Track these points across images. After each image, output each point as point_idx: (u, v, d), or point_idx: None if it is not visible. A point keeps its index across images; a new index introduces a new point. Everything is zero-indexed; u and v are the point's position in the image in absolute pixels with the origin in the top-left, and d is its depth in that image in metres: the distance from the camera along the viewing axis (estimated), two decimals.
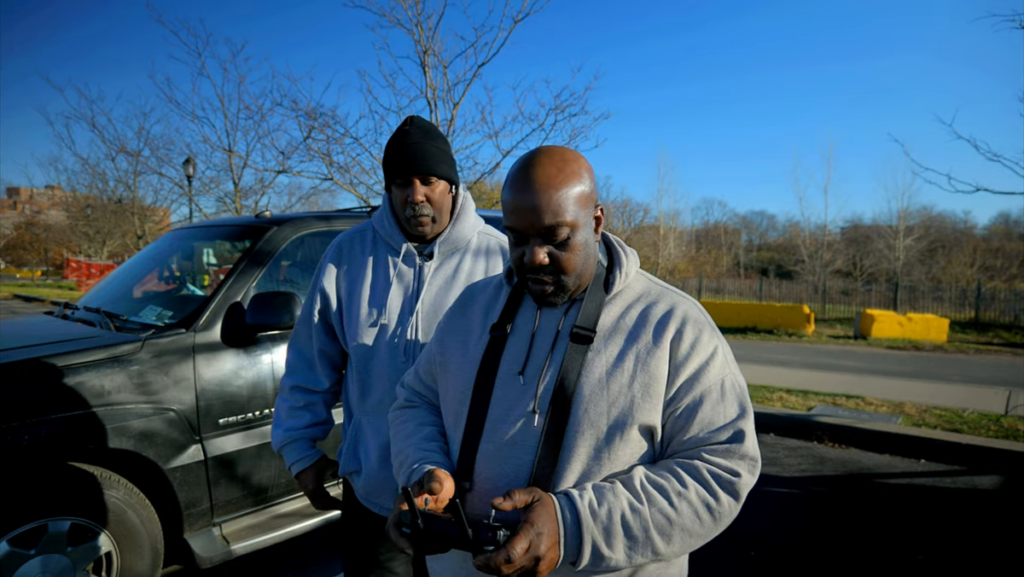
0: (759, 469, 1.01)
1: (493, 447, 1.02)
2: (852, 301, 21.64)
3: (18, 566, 2.10)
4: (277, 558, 3.04)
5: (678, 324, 1.02)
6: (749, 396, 1.04)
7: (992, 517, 3.59)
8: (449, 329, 1.21)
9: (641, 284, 1.11)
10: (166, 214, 24.91)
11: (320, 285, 1.58)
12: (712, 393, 1.00)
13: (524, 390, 1.03)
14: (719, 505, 0.96)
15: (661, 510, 0.93)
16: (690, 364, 1.00)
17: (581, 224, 1.01)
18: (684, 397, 1.00)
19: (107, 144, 17.14)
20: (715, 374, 1.01)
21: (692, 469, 0.97)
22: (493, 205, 12.74)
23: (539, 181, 0.98)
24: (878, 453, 4.82)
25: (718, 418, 1.00)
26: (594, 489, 0.95)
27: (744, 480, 0.98)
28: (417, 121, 1.51)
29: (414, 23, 8.49)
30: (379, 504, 1.53)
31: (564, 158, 1.01)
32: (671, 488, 0.95)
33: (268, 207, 15.37)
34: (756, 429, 1.04)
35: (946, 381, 7.91)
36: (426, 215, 1.49)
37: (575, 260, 1.02)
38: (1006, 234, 40.33)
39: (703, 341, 1.02)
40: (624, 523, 0.92)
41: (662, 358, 1.00)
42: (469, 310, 1.20)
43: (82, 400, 2.23)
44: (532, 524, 0.88)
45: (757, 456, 1.01)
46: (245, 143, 20.69)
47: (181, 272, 3.99)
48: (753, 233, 57.08)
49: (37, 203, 62.96)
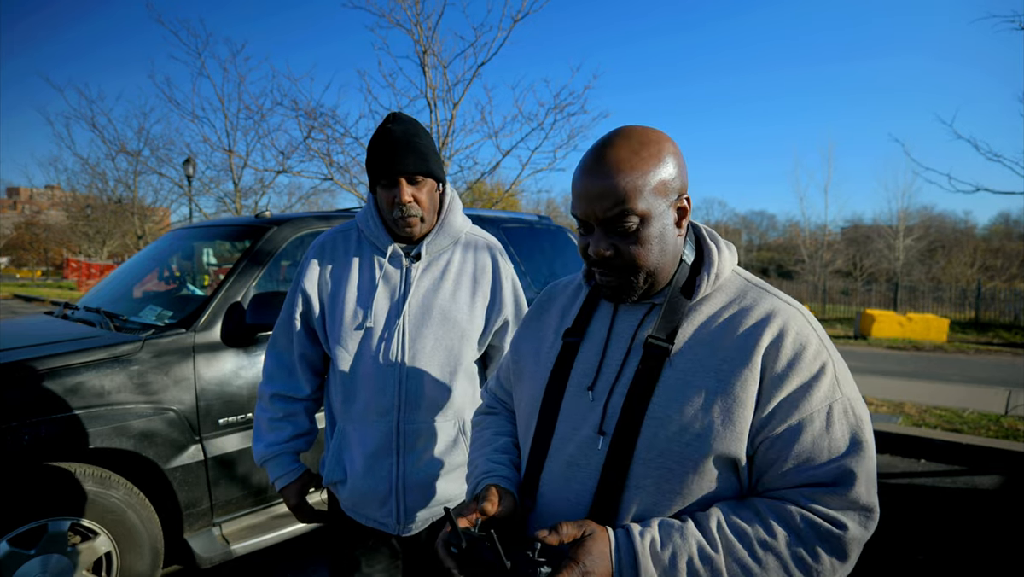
0: (875, 522, 0.83)
1: (557, 467, 0.94)
2: (852, 301, 21.65)
3: (18, 566, 2.10)
4: (277, 558, 3.04)
5: (774, 334, 0.86)
6: (872, 431, 0.86)
7: (992, 517, 3.58)
8: (524, 334, 1.13)
9: (735, 286, 0.95)
10: (166, 214, 24.91)
11: (302, 287, 1.50)
12: (815, 421, 0.82)
13: (592, 407, 0.93)
14: (818, 564, 0.79)
15: (739, 560, 0.79)
16: (788, 384, 0.83)
17: (655, 214, 0.88)
18: (779, 424, 0.83)
19: (107, 144, 17.15)
20: (821, 398, 0.83)
21: (784, 514, 0.81)
22: (493, 205, 12.73)
23: (609, 164, 0.86)
24: (878, 453, 4.80)
25: (821, 453, 0.82)
26: (660, 527, 0.83)
27: (851, 533, 0.80)
28: (400, 117, 1.45)
29: (413, 23, 8.50)
30: (365, 515, 1.49)
31: (643, 140, 0.88)
32: (754, 536, 0.80)
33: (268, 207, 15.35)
34: None
35: (946, 381, 7.90)
36: (414, 216, 1.43)
37: (645, 255, 0.89)
38: (1006, 234, 40.31)
39: (807, 356, 0.84)
40: (691, 571, 0.79)
41: (751, 377, 0.84)
42: (546, 313, 1.11)
43: (82, 400, 2.23)
44: (578, 562, 0.78)
45: (873, 504, 0.82)
46: (245, 143, 20.73)
47: (181, 272, 3.99)
48: (753, 233, 57.05)
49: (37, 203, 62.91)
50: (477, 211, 4.19)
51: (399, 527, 1.47)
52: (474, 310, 1.51)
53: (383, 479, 1.45)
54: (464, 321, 1.49)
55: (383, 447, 1.45)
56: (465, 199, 9.95)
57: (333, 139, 9.41)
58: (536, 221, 4.47)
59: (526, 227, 4.29)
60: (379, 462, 1.45)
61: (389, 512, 1.46)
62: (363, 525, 1.51)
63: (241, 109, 14.45)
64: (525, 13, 8.42)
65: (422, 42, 8.53)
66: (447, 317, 1.47)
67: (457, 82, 8.73)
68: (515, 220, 4.31)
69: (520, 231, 4.19)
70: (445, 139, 8.80)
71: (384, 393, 1.44)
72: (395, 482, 1.45)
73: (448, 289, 1.49)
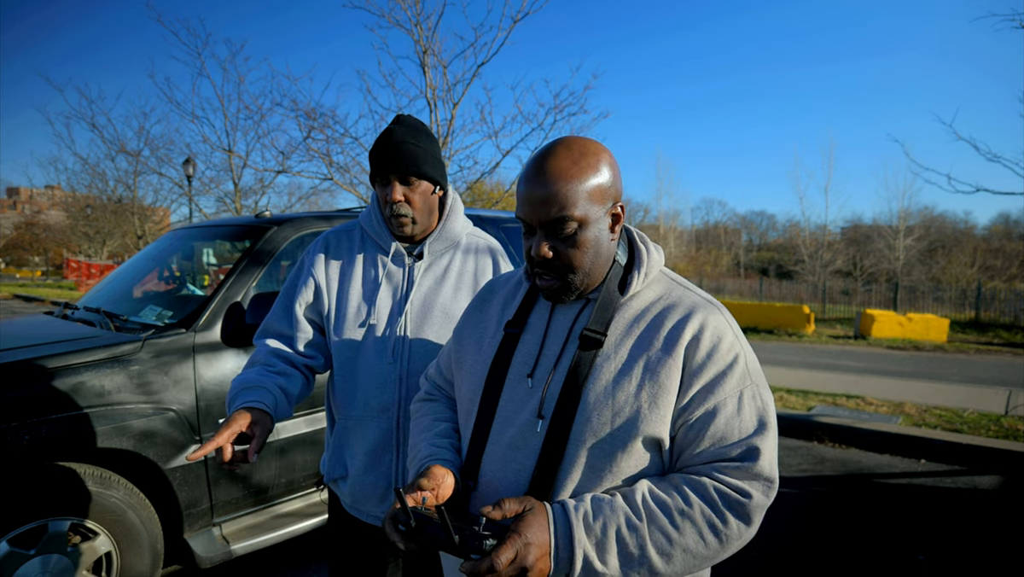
0: (775, 491, 0.94)
1: (498, 449, 1.00)
2: (852, 301, 21.65)
3: (18, 566, 2.11)
4: (277, 558, 3.04)
5: (695, 330, 0.95)
6: (775, 413, 0.97)
7: (992, 517, 3.58)
8: (467, 324, 1.18)
9: (662, 285, 1.04)
10: (166, 214, 24.91)
11: (313, 275, 1.51)
12: (727, 405, 0.93)
13: (531, 393, 1.00)
14: (726, 528, 0.90)
15: (661, 528, 0.89)
16: (705, 373, 0.93)
17: (592, 220, 0.96)
18: (697, 408, 0.93)
19: (107, 144, 17.15)
20: (733, 385, 0.94)
21: (699, 486, 0.92)
22: (493, 205, 12.74)
23: (550, 172, 0.94)
24: (878, 453, 4.82)
25: (732, 433, 0.93)
26: (592, 501, 0.91)
27: (755, 501, 0.91)
28: (404, 120, 1.48)
29: (413, 23, 8.50)
30: (366, 511, 1.49)
31: (583, 150, 0.96)
32: (674, 505, 0.90)
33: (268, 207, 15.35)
34: None
35: (946, 381, 7.90)
36: (404, 215, 1.46)
37: (582, 257, 0.98)
38: (1006, 234, 40.33)
39: (722, 349, 0.95)
40: (619, 538, 0.88)
41: (674, 366, 0.93)
42: (488, 305, 1.17)
43: (82, 400, 2.23)
44: (520, 534, 0.85)
45: (774, 476, 0.93)
46: (245, 143, 20.78)
47: (181, 272, 3.99)
48: (753, 233, 57.09)
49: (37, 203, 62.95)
50: (477, 211, 4.18)
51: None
52: None
53: (383, 475, 1.46)
54: None
55: (384, 443, 1.46)
56: (465, 199, 9.95)
57: (333, 139, 9.41)
58: None
59: None
60: (379, 458, 1.46)
61: (389, 508, 1.46)
62: (364, 522, 1.52)
63: (241, 109, 14.49)
64: (525, 13, 8.42)
65: (422, 42, 8.53)
66: (448, 315, 1.50)
67: (457, 82, 8.73)
68: (515, 220, 4.31)
69: (520, 231, 4.18)
70: (445, 139, 8.80)
71: (385, 390, 1.45)
72: (395, 478, 1.46)
73: (450, 288, 1.52)
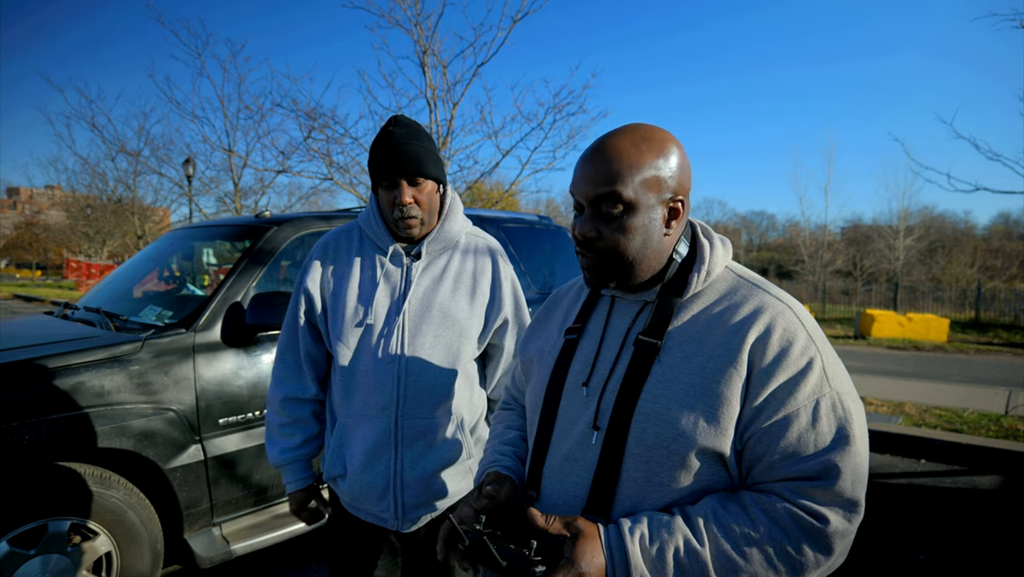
0: (860, 516, 0.83)
1: (556, 461, 0.97)
2: (852, 301, 21.65)
3: (18, 566, 2.10)
4: (277, 558, 3.04)
5: (761, 331, 0.86)
6: (865, 427, 0.87)
7: (992, 517, 3.58)
8: (532, 336, 1.16)
9: (727, 282, 0.95)
10: (166, 214, 24.91)
11: (304, 286, 1.53)
12: (801, 415, 0.83)
13: (587, 403, 0.95)
14: (801, 557, 0.81)
15: (723, 553, 0.81)
16: (775, 380, 0.84)
17: (642, 206, 0.90)
18: (766, 419, 0.84)
19: (107, 144, 17.18)
20: (807, 393, 0.84)
21: (769, 508, 0.83)
22: (493, 205, 12.73)
23: (608, 150, 0.90)
24: (878, 453, 4.81)
25: (806, 448, 0.83)
26: (649, 521, 0.85)
27: (834, 527, 0.81)
28: (401, 120, 1.48)
29: (413, 23, 8.51)
30: (364, 510, 1.51)
31: (646, 136, 0.91)
32: (739, 529, 0.82)
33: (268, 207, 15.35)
34: None
35: (946, 381, 7.90)
36: (414, 217, 1.46)
37: (626, 244, 0.91)
38: (1006, 234, 40.30)
39: (794, 351, 0.85)
40: (678, 563, 0.81)
41: (736, 374, 0.85)
42: (552, 315, 1.15)
43: (82, 400, 2.23)
44: (573, 564, 0.80)
45: (857, 498, 0.83)
46: (245, 143, 20.76)
47: (181, 272, 3.99)
48: (753, 233, 57.03)
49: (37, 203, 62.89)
50: (477, 211, 4.18)
51: (398, 522, 1.49)
52: (473, 309, 1.53)
53: (381, 473, 1.47)
54: (463, 319, 1.51)
55: (382, 442, 1.47)
56: (465, 199, 9.95)
57: (333, 139, 9.42)
58: (536, 221, 4.47)
59: (526, 227, 4.29)
60: (378, 457, 1.47)
61: (387, 506, 1.48)
62: (363, 521, 1.53)
63: (241, 109, 14.48)
64: (525, 13, 8.43)
65: (422, 42, 8.54)
66: (447, 315, 1.49)
67: (457, 82, 8.74)
68: (515, 220, 4.31)
69: (520, 231, 4.18)
70: (445, 139, 8.80)
71: (383, 389, 1.45)
72: (393, 476, 1.46)
73: (448, 288, 1.51)
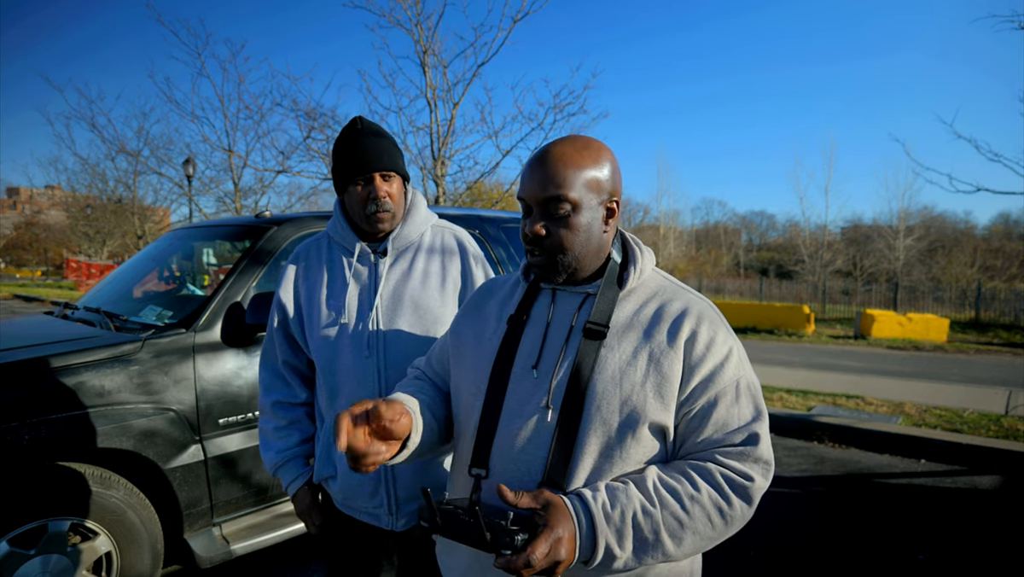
0: (772, 473, 1.00)
1: (507, 442, 1.02)
2: (852, 301, 21.63)
3: (18, 566, 2.11)
4: (277, 558, 3.04)
5: (693, 324, 1.01)
6: (763, 397, 1.04)
7: (992, 517, 3.59)
8: (464, 322, 1.21)
9: (655, 282, 1.11)
10: (166, 214, 24.91)
11: (278, 297, 1.58)
12: (727, 395, 0.99)
13: (537, 384, 1.03)
14: (731, 509, 0.96)
15: (673, 513, 0.94)
16: (705, 365, 0.99)
17: (585, 206, 1.02)
18: (699, 398, 0.99)
19: (107, 144, 17.10)
20: (730, 375, 1.00)
21: (705, 472, 0.97)
22: (493, 205, 12.73)
23: (552, 156, 1.01)
24: (878, 453, 4.82)
25: (732, 420, 0.99)
26: (607, 490, 0.95)
27: (757, 484, 0.97)
28: (364, 120, 1.54)
29: (414, 23, 8.51)
30: (357, 508, 1.51)
31: (586, 144, 1.04)
32: (683, 491, 0.95)
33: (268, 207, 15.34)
34: None
35: (946, 381, 7.90)
36: (388, 210, 1.50)
37: (573, 239, 1.03)
38: (1006, 234, 40.30)
39: (718, 342, 1.01)
40: (636, 525, 0.93)
41: (676, 358, 0.99)
42: (486, 304, 1.21)
43: (82, 400, 2.23)
44: (552, 528, 0.88)
45: (771, 460, 1.00)
46: (245, 143, 20.70)
47: (181, 272, 3.99)
48: (753, 233, 57.07)
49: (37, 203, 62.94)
50: (477, 211, 4.18)
51: (392, 518, 1.49)
52: (445, 296, 1.56)
53: None
54: (436, 307, 1.53)
55: None
56: (465, 199, 9.95)
57: (333, 139, 9.41)
58: None
59: None
60: None
61: (381, 501, 1.48)
62: (358, 521, 1.53)
63: (241, 109, 14.45)
64: (525, 13, 8.43)
65: (422, 42, 8.54)
66: (418, 305, 1.52)
67: (457, 82, 8.74)
68: (515, 220, 4.30)
69: (520, 231, 4.18)
70: (445, 139, 8.80)
71: (365, 384, 1.47)
72: (384, 469, 1.47)
73: (417, 278, 1.54)
